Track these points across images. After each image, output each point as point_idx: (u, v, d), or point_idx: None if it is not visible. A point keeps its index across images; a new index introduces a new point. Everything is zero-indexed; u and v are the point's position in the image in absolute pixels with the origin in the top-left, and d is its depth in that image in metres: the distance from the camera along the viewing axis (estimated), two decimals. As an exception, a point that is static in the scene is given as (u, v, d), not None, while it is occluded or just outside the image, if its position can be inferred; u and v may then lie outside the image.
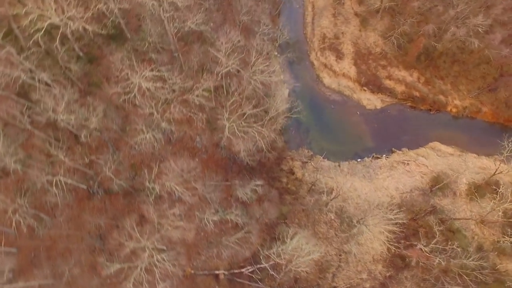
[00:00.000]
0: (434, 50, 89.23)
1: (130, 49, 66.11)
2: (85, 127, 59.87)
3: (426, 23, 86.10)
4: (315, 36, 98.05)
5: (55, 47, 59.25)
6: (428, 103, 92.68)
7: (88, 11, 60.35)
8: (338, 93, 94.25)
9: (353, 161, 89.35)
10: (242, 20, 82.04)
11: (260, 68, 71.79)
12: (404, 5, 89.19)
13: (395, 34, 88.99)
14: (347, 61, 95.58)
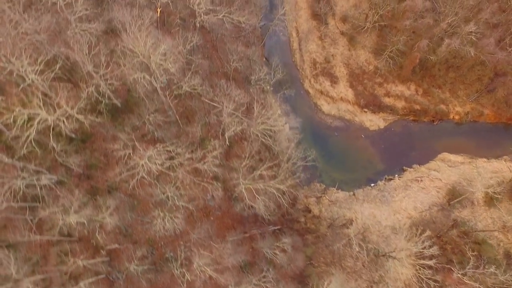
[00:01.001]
0: (428, 61, 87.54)
1: (129, 127, 61.80)
2: (99, 225, 55.76)
3: (418, 38, 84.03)
4: (305, 62, 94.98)
5: (50, 146, 54.57)
6: (430, 114, 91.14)
7: (79, 100, 55.71)
8: (339, 118, 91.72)
9: (367, 187, 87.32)
10: (232, 67, 78.40)
11: (263, 120, 68.70)
12: (394, 22, 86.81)
13: (388, 53, 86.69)
14: (343, 84, 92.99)
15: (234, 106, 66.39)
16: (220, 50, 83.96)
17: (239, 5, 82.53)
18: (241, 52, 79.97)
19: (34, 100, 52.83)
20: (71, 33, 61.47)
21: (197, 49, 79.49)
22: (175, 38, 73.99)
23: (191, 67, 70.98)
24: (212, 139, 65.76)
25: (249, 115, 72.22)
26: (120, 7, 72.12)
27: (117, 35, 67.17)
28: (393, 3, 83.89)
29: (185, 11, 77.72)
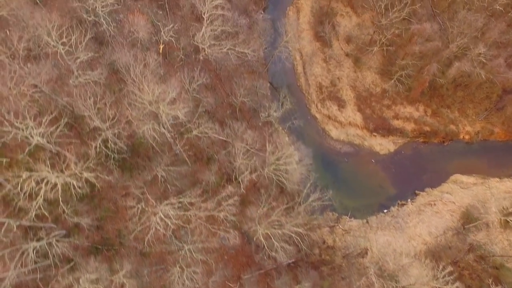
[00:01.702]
0: (436, 82, 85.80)
1: (140, 180, 59.13)
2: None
3: (427, 61, 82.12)
4: (311, 86, 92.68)
5: (60, 209, 51.86)
6: (440, 135, 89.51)
7: (88, 158, 52.99)
8: (349, 144, 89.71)
9: (380, 214, 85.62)
10: (239, 101, 75.99)
11: (275, 160, 66.52)
12: (402, 46, 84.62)
13: (396, 77, 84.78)
14: (350, 108, 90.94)
15: (245, 148, 64.11)
16: (226, 84, 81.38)
17: (243, 36, 79.98)
18: (247, 85, 77.37)
19: (41, 163, 50.04)
20: (74, 82, 58.57)
21: (202, 84, 76.68)
22: (180, 76, 71.40)
23: (198, 105, 68.49)
24: (226, 184, 63.47)
25: (261, 151, 69.88)
26: (121, 47, 69.29)
27: (121, 80, 64.38)
28: (400, 26, 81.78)
29: (189, 47, 75.00)
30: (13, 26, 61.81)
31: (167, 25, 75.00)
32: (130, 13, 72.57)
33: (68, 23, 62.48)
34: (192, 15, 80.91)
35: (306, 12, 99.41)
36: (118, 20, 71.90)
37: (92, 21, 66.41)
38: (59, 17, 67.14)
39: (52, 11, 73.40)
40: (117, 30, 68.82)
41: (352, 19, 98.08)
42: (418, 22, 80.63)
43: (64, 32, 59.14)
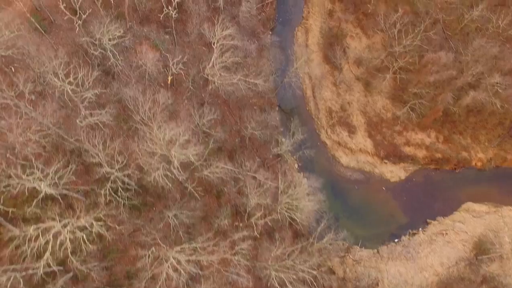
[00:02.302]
0: (449, 109, 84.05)
1: (152, 227, 57.19)
2: None
3: (441, 90, 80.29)
4: (320, 111, 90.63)
5: (69, 261, 49.96)
6: (452, 163, 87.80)
7: (97, 207, 51.06)
8: (359, 171, 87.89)
9: (391, 243, 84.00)
10: (249, 133, 74.08)
11: (288, 197, 64.87)
12: (416, 75, 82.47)
13: (410, 105, 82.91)
14: (361, 134, 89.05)
15: (256, 186, 62.36)
16: (235, 113, 79.36)
17: (253, 67, 77.98)
18: (257, 116, 75.52)
19: (50, 214, 48.13)
20: (81, 122, 56.40)
21: (211, 112, 74.63)
22: (190, 109, 69.40)
23: (208, 141, 66.57)
24: (239, 224, 61.74)
25: (272, 188, 68.11)
26: (129, 80, 67.22)
27: (130, 117, 62.23)
28: (413, 53, 79.78)
29: (198, 78, 72.86)
30: (18, 63, 59.71)
31: (175, 54, 73.00)
32: (138, 44, 70.36)
33: (75, 60, 60.39)
34: (200, 41, 78.70)
35: (315, 33, 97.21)
36: (126, 52, 69.62)
37: (99, 54, 64.18)
38: (65, 53, 65.17)
39: (58, 44, 71.50)
40: (125, 64, 66.61)
41: (362, 41, 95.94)
42: (433, 49, 78.69)
43: (71, 70, 57.05)
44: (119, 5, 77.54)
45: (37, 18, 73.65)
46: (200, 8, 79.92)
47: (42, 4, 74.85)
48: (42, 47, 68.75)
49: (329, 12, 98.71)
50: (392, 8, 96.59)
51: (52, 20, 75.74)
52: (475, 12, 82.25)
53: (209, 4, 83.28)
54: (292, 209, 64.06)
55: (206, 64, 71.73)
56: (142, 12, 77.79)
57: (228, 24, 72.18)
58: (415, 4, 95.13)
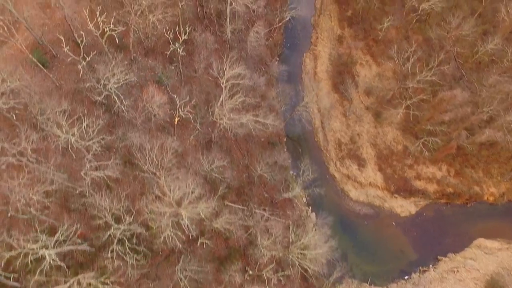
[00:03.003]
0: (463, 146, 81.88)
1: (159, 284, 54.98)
2: None
3: (455, 126, 77.96)
4: (329, 143, 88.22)
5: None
6: (464, 197, 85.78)
7: (105, 272, 48.71)
8: (368, 205, 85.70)
9: (401, 281, 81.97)
10: (257, 174, 71.75)
11: (299, 246, 62.69)
12: (429, 112, 79.94)
13: (422, 141, 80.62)
14: (371, 167, 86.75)
15: (268, 236, 60.22)
16: (242, 148, 77.00)
17: (262, 101, 75.48)
18: (266, 156, 73.23)
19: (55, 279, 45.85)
20: (85, 174, 53.94)
21: (221, 159, 72.03)
22: (197, 153, 66.97)
23: (217, 188, 64.25)
24: (249, 272, 59.56)
25: (282, 234, 65.95)
26: (134, 124, 64.66)
27: (137, 165, 59.69)
28: (427, 91, 77.35)
29: (206, 118, 70.34)
30: (20, 110, 57.05)
31: (182, 92, 70.53)
32: (144, 85, 67.75)
33: (79, 107, 57.81)
34: (208, 75, 75.98)
35: (324, 60, 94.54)
36: (131, 93, 66.98)
37: (104, 99, 61.55)
38: (68, 95, 62.64)
39: (60, 80, 68.94)
40: (131, 107, 63.98)
41: (372, 69, 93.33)
42: (447, 84, 76.32)
43: (75, 118, 54.47)
44: (123, 37, 74.87)
45: (39, 53, 70.91)
46: (207, 40, 77.19)
47: (45, 38, 72.11)
48: (44, 87, 66.31)
49: (339, 38, 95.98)
50: (403, 35, 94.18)
51: (55, 54, 73.04)
52: (490, 45, 79.73)
53: (216, 35, 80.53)
54: (303, 259, 61.86)
55: (214, 103, 69.19)
56: (147, 45, 74.99)
57: (236, 60, 69.51)
58: (427, 32, 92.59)
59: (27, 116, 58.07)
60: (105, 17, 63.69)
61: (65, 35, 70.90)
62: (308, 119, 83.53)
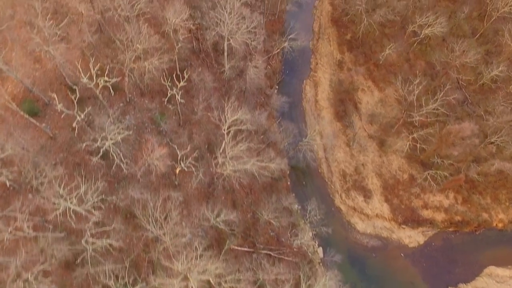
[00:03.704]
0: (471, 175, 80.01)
1: None
2: None
3: (463, 158, 75.99)
4: (334, 174, 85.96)
5: None
6: (472, 225, 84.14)
7: None
8: (376, 237, 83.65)
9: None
10: (267, 221, 69.57)
11: None
12: (438, 144, 77.76)
13: (431, 174, 78.64)
14: (377, 198, 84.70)
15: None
16: (245, 187, 74.55)
17: (264, 141, 73.00)
18: (269, 197, 70.99)
19: None
20: (86, 244, 51.35)
21: (227, 213, 69.38)
22: (202, 203, 64.54)
23: (224, 242, 61.94)
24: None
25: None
26: (134, 177, 62.00)
27: (140, 226, 57.18)
28: (434, 125, 75.18)
29: (208, 170, 67.77)
30: (14, 180, 54.24)
31: (182, 140, 67.99)
32: (141, 133, 65.03)
33: (76, 170, 55.06)
34: (207, 117, 73.24)
35: (325, 87, 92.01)
36: (129, 145, 64.21)
37: (102, 155, 58.77)
38: (64, 155, 59.81)
39: (54, 129, 66.08)
40: (129, 159, 61.30)
41: (374, 95, 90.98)
42: (453, 113, 74.24)
43: (74, 189, 51.72)
44: (118, 81, 71.89)
45: (29, 103, 67.83)
46: (205, 79, 74.40)
47: (36, 87, 68.99)
48: (37, 142, 63.51)
49: (339, 63, 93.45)
50: (404, 57, 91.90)
51: (47, 102, 70.03)
52: (495, 71, 77.73)
53: (214, 73, 77.76)
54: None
55: (216, 149, 66.66)
56: (143, 87, 72.12)
57: (236, 99, 67.17)
58: (428, 54, 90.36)
59: (22, 181, 55.23)
60: (98, 68, 60.77)
61: (56, 82, 68.31)
62: (312, 156, 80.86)
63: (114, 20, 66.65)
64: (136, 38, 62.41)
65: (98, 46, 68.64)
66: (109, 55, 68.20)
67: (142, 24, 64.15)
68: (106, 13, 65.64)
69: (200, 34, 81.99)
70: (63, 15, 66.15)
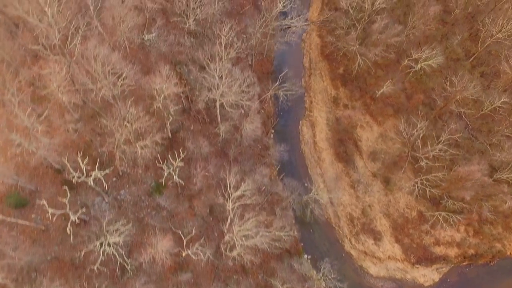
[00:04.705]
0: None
1: None
2: None
3: (475, 196, 73.74)
4: (341, 219, 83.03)
5: None
6: (487, 257, 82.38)
7: None
8: (390, 279, 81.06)
9: None
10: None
11: None
12: (447, 187, 75.25)
13: (442, 215, 76.26)
14: (387, 240, 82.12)
15: None
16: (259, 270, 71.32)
17: (267, 203, 69.75)
18: (283, 269, 67.89)
19: None
20: None
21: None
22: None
23: None
24: None
25: None
26: (141, 271, 58.27)
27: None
28: (442, 168, 72.50)
29: (215, 248, 64.24)
30: None
31: (181, 212, 64.36)
32: (142, 224, 61.15)
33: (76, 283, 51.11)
34: (207, 186, 69.57)
35: (322, 127, 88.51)
36: (131, 236, 60.24)
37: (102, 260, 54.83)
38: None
39: (49, 239, 61.82)
40: (132, 259, 57.52)
41: (373, 130, 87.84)
42: (462, 155, 71.78)
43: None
44: (109, 160, 67.73)
45: (15, 197, 63.30)
46: (201, 145, 70.40)
47: (20, 171, 64.41)
48: (28, 238, 59.40)
49: (334, 99, 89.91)
50: (400, 88, 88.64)
51: (34, 189, 65.64)
52: (497, 103, 75.24)
53: (209, 136, 73.87)
54: None
55: (222, 224, 63.16)
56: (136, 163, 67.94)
57: (238, 171, 63.49)
58: (425, 82, 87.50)
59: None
60: (87, 159, 56.54)
61: (42, 167, 64.04)
62: (318, 206, 77.72)
63: (98, 103, 62.08)
64: (123, 122, 58.11)
65: (84, 133, 64.18)
66: (97, 141, 63.83)
67: (129, 104, 59.68)
68: (89, 95, 61.08)
69: (190, 90, 77.80)
70: (43, 105, 61.42)
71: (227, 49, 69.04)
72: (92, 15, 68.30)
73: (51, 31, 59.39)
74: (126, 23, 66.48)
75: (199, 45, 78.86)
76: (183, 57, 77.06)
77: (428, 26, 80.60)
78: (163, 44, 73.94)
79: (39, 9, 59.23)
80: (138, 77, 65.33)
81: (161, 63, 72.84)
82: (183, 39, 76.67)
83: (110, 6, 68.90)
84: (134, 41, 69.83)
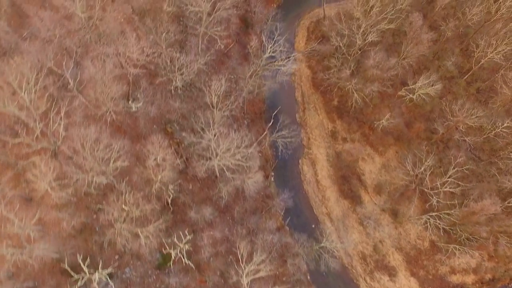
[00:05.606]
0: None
1: None
2: None
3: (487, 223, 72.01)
4: (353, 258, 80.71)
5: None
6: (504, 280, 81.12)
7: None
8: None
9: None
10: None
11: None
12: (461, 223, 73.33)
13: (458, 248, 74.52)
14: (403, 274, 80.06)
15: None
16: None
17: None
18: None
19: None
20: None
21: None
22: None
23: None
24: None
25: None
26: None
27: None
28: (455, 206, 70.38)
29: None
30: None
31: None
32: None
33: None
34: (217, 258, 66.43)
35: (323, 164, 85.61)
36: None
37: None
38: None
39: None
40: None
41: (375, 161, 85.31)
42: (471, 187, 69.74)
43: None
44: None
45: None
46: (204, 214, 66.96)
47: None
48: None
49: (332, 133, 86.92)
50: (398, 113, 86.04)
51: (33, 285, 61.67)
52: (500, 128, 73.24)
53: (210, 199, 70.56)
54: None
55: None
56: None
57: (248, 243, 60.51)
58: (424, 108, 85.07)
59: None
60: (89, 261, 52.92)
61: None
62: (332, 256, 75.00)
63: (92, 195, 58.27)
64: (121, 209, 54.49)
65: (80, 230, 60.37)
66: (95, 237, 60.11)
67: (126, 188, 55.99)
68: (82, 186, 57.04)
69: (184, 148, 74.23)
70: (33, 207, 57.21)
71: (218, 107, 65.64)
72: (72, 89, 64.06)
73: (31, 121, 55.22)
74: (109, 94, 62.22)
75: (189, 100, 75.17)
76: (173, 115, 73.14)
77: (422, 53, 77.74)
78: (151, 107, 69.93)
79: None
80: (130, 152, 61.38)
81: (151, 127, 69.32)
82: (171, 97, 72.68)
83: (89, 77, 64.57)
84: (120, 111, 65.70)
